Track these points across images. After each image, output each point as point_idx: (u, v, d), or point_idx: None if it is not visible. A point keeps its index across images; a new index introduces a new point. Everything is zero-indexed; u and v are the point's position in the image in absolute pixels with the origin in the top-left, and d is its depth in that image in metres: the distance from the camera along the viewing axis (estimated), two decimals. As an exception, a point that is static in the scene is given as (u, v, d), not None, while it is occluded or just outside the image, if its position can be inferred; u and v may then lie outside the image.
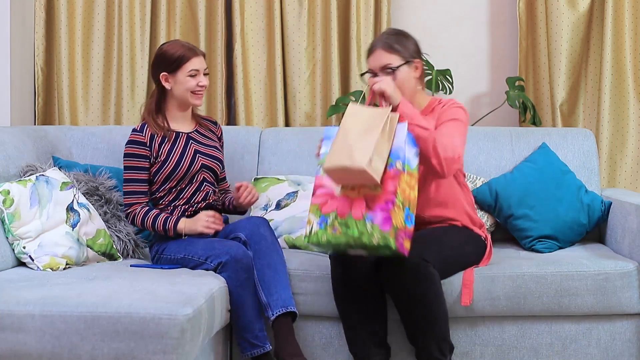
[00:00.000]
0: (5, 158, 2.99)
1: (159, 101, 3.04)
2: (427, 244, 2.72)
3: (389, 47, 2.85)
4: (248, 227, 2.90)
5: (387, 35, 2.90)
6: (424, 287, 2.66)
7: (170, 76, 2.99)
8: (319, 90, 4.01)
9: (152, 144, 2.99)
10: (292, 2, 3.99)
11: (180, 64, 2.97)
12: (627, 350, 2.93)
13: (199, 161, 3.03)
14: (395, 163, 2.57)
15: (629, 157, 3.84)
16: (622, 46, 3.81)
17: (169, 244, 2.96)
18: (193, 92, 3.00)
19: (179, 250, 2.90)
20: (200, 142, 3.08)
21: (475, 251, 2.90)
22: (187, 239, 2.94)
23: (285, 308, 2.76)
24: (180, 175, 3.00)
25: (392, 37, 2.88)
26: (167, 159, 2.99)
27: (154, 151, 2.99)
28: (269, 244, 2.85)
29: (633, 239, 3.01)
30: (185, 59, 2.97)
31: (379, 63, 2.85)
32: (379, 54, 2.86)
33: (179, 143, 3.03)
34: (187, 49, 2.99)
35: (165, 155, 2.99)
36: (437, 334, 2.71)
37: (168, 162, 3.00)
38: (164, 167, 3.00)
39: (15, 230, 2.80)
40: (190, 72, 2.97)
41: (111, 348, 2.28)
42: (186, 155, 3.01)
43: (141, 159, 2.99)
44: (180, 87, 2.99)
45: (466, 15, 4.07)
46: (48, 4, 4.03)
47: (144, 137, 2.99)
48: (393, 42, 2.85)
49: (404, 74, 2.85)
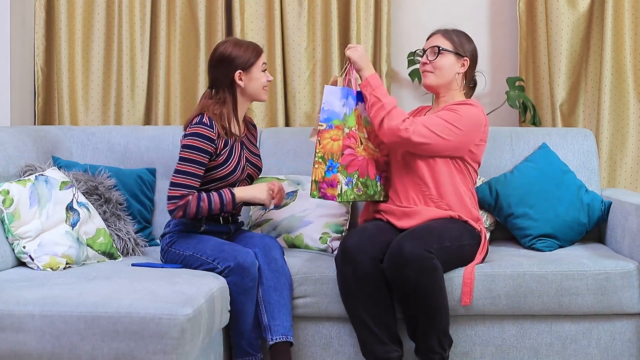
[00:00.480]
0: (5, 158, 2.99)
1: (230, 102, 2.98)
2: (428, 237, 2.75)
3: (446, 33, 3.06)
4: (260, 245, 2.91)
5: (452, 29, 3.08)
6: (427, 280, 2.68)
7: (245, 73, 2.97)
8: (319, 90, 4.01)
9: (218, 141, 2.93)
10: (292, 2, 3.99)
11: (255, 60, 2.97)
12: (627, 350, 2.93)
13: (247, 170, 3.02)
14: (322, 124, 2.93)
15: (629, 157, 3.84)
16: (622, 46, 3.81)
17: (181, 238, 2.94)
18: (264, 87, 3.01)
19: (189, 247, 2.90)
20: (249, 149, 3.07)
21: (471, 244, 2.92)
22: (198, 237, 2.92)
23: (285, 337, 2.80)
24: (231, 182, 2.97)
25: (456, 31, 3.08)
26: (226, 162, 2.94)
27: (218, 149, 2.93)
28: (279, 267, 2.87)
29: (633, 239, 3.01)
30: (257, 55, 2.98)
31: (432, 43, 3.05)
32: (435, 37, 3.08)
33: (236, 148, 2.99)
34: (254, 45, 3.01)
35: (224, 158, 2.94)
36: (438, 327, 2.73)
37: (226, 165, 2.94)
38: (220, 169, 2.94)
39: (15, 230, 2.80)
40: (263, 66, 3.00)
41: (111, 348, 2.28)
42: (240, 164, 2.98)
43: (205, 154, 2.88)
44: (254, 83, 2.98)
45: (466, 15, 4.07)
46: (48, 4, 4.03)
47: (214, 133, 2.90)
48: (453, 33, 3.06)
49: (448, 60, 3.02)
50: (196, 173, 2.86)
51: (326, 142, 2.92)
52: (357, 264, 2.76)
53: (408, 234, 2.78)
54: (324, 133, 2.92)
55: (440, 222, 2.90)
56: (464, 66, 3.04)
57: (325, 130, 2.92)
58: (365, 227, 2.92)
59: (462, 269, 2.87)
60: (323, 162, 2.91)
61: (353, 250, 2.77)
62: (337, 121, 2.92)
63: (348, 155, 2.93)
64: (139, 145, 3.51)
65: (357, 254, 2.76)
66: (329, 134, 2.92)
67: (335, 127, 2.92)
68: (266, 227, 3.32)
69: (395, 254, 2.70)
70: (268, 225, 3.32)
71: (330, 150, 2.91)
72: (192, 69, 4.03)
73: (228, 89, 2.98)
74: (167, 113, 4.03)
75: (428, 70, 3.04)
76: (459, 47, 3.03)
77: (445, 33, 3.06)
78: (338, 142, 2.91)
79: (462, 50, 3.03)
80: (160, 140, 3.53)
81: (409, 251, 2.67)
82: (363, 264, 2.75)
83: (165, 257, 2.98)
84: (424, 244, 2.70)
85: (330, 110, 2.92)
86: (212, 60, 3.00)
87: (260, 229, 3.33)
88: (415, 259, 2.67)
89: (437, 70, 3.02)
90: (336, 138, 2.91)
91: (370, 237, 2.82)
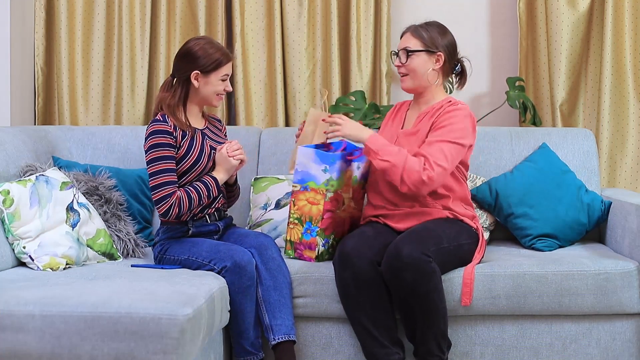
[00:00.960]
0: (5, 158, 2.99)
1: (181, 96, 2.99)
2: (426, 239, 2.74)
3: (415, 31, 2.99)
4: (256, 245, 2.90)
5: (423, 24, 3.02)
6: (425, 283, 2.67)
7: (202, 76, 2.95)
8: (319, 90, 4.01)
9: (175, 133, 2.93)
10: (292, 2, 3.99)
11: (217, 67, 2.95)
12: (627, 350, 2.93)
13: (214, 157, 3.01)
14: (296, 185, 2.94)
15: (629, 157, 3.84)
16: (622, 46, 3.81)
17: (173, 244, 2.94)
18: (218, 94, 2.99)
19: (183, 251, 2.89)
20: (212, 139, 3.06)
21: (469, 242, 2.91)
22: (191, 240, 2.93)
23: (288, 336, 2.80)
24: (199, 172, 2.96)
25: (425, 26, 3.00)
26: (188, 153, 2.94)
27: (177, 141, 2.93)
28: (277, 266, 2.86)
29: (633, 239, 3.01)
30: (222, 63, 2.95)
31: (402, 44, 2.99)
32: (405, 37, 3.01)
33: (197, 139, 2.98)
34: (223, 53, 2.97)
35: (185, 149, 2.94)
36: (437, 330, 2.73)
37: (188, 156, 2.94)
38: (184, 161, 2.94)
39: (15, 230, 2.80)
40: (223, 76, 2.97)
41: (111, 348, 2.28)
42: (204, 152, 2.98)
43: (169, 147, 2.89)
44: (209, 88, 2.96)
45: (466, 15, 4.07)
46: (48, 4, 4.03)
47: (169, 126, 2.91)
48: (423, 29, 2.98)
49: (420, 60, 2.95)
50: (170, 168, 2.88)
51: (302, 204, 2.93)
52: (356, 268, 2.75)
53: (405, 236, 2.77)
54: (299, 194, 2.94)
55: (437, 222, 2.89)
56: (439, 61, 2.97)
57: (299, 192, 2.93)
58: (363, 231, 2.91)
59: (462, 270, 2.87)
60: (300, 223, 2.94)
61: (351, 254, 2.76)
62: (313, 184, 2.91)
63: (327, 219, 2.94)
64: (139, 145, 3.51)
65: (356, 258, 2.75)
66: (304, 196, 2.93)
67: (312, 189, 2.91)
68: (266, 227, 3.32)
69: (392, 258, 2.69)
70: (268, 225, 3.33)
71: (309, 213, 2.92)
72: (192, 69, 4.02)
73: (183, 83, 2.98)
74: (167, 113, 4.03)
75: (403, 73, 2.99)
76: (430, 43, 2.95)
77: (414, 31, 2.98)
78: (317, 207, 2.91)
79: (434, 45, 2.95)
80: (160, 140, 3.52)
81: (406, 254, 2.66)
82: (362, 268, 2.75)
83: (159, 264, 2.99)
84: (421, 246, 2.69)
85: (305, 172, 2.93)
86: (179, 51, 3.01)
87: (260, 229, 3.33)
88: (413, 263, 2.66)
89: (411, 72, 2.96)
90: (314, 202, 2.91)
91: (368, 241, 2.81)
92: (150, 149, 2.88)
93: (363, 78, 3.99)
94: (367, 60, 3.98)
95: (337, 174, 2.92)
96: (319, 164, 2.90)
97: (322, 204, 2.91)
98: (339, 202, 2.98)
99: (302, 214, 2.94)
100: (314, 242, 2.94)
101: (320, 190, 2.91)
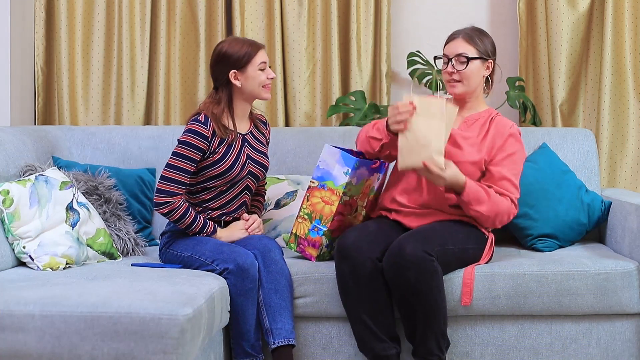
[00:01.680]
0: (5, 158, 2.99)
1: (226, 101, 2.98)
2: (430, 239, 2.74)
3: (469, 37, 2.97)
4: (259, 247, 2.90)
5: (471, 29, 3.01)
6: (427, 282, 2.67)
7: (240, 73, 2.95)
8: (319, 90, 4.01)
9: (212, 140, 2.93)
10: (292, 2, 3.99)
11: (249, 59, 2.94)
12: (627, 350, 2.93)
13: (248, 167, 3.00)
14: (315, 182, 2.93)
15: (629, 157, 3.84)
16: (622, 46, 3.81)
17: (178, 239, 2.95)
18: (264, 85, 2.98)
19: (187, 248, 2.90)
20: (252, 147, 3.04)
21: (475, 248, 2.91)
22: (196, 238, 2.93)
23: (287, 340, 2.79)
24: (227, 180, 2.97)
25: (475, 31, 2.99)
26: (222, 159, 2.94)
27: (212, 147, 2.93)
28: (279, 269, 2.86)
29: (633, 239, 3.01)
30: (253, 53, 2.94)
31: (456, 50, 2.95)
32: (458, 42, 2.97)
33: (235, 146, 2.97)
34: (251, 44, 2.97)
35: (220, 155, 2.93)
36: (437, 329, 2.73)
37: (222, 163, 2.94)
38: (216, 166, 2.94)
39: (15, 230, 2.80)
40: (260, 65, 2.95)
41: (111, 348, 2.28)
42: (239, 161, 2.97)
43: (197, 151, 2.89)
44: (250, 82, 2.95)
45: (466, 15, 4.07)
46: (48, 4, 4.03)
47: (208, 131, 2.91)
48: (475, 35, 2.97)
49: (476, 67, 2.95)
50: (186, 169, 2.88)
51: (316, 202, 2.93)
52: (354, 263, 2.75)
53: (410, 234, 2.77)
54: (314, 191, 2.93)
55: (447, 224, 2.88)
56: (489, 69, 3.00)
57: (316, 189, 2.93)
58: (365, 225, 2.91)
59: (462, 270, 2.87)
60: (309, 219, 2.94)
61: (350, 248, 2.76)
62: (332, 184, 2.91)
63: (337, 222, 2.94)
64: (139, 145, 3.51)
65: (355, 252, 2.75)
66: (320, 194, 2.92)
67: (329, 189, 2.90)
68: (266, 227, 3.32)
69: (395, 255, 2.70)
70: (268, 225, 3.33)
71: (320, 211, 2.92)
72: (192, 69, 4.03)
73: (225, 88, 2.98)
74: (167, 113, 4.03)
75: (456, 80, 2.96)
76: (483, 50, 2.96)
77: (468, 38, 2.96)
78: (330, 207, 2.91)
79: (487, 53, 2.97)
80: (160, 140, 3.53)
81: (409, 252, 2.66)
82: (360, 262, 2.75)
83: (163, 257, 2.99)
84: (425, 245, 2.69)
85: (326, 171, 2.92)
86: (211, 60, 3.00)
87: (260, 229, 3.33)
88: (415, 261, 2.66)
89: (465, 79, 2.95)
90: (329, 202, 2.91)
91: (368, 236, 2.81)
92: (180, 143, 2.90)
93: (363, 78, 3.98)
94: (367, 60, 3.98)
95: (358, 180, 2.92)
96: (342, 165, 2.89)
97: (335, 206, 2.90)
98: (352, 207, 2.98)
99: (314, 210, 2.93)
100: (318, 241, 2.94)
101: (337, 191, 2.90)
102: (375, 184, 3.03)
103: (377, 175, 3.01)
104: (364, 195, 2.99)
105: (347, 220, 2.99)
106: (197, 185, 2.98)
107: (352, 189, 2.92)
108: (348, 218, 2.99)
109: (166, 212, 2.88)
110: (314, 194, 2.93)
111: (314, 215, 2.93)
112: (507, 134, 2.95)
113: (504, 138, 2.95)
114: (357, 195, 2.96)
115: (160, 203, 2.87)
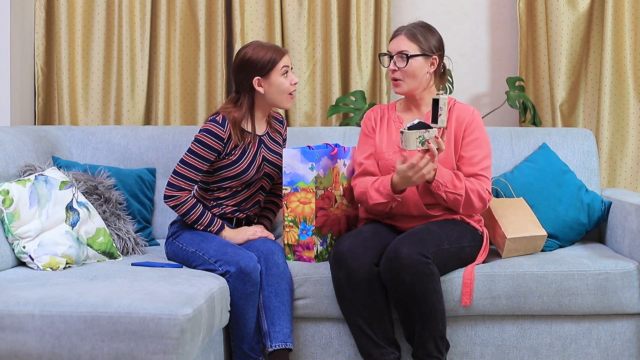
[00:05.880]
0: (5, 158, 2.99)
1: (248, 107, 2.98)
2: (426, 240, 2.73)
3: (411, 35, 2.95)
4: (263, 250, 2.90)
5: (414, 25, 2.98)
6: (423, 284, 2.66)
7: (263, 80, 2.94)
8: (319, 90, 4.01)
9: (228, 142, 2.94)
10: (292, 2, 3.99)
11: (273, 65, 2.93)
12: (627, 350, 2.93)
13: (263, 169, 3.02)
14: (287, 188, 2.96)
15: (629, 157, 3.84)
16: (622, 46, 3.81)
17: (186, 232, 2.97)
18: (289, 93, 2.97)
19: (193, 243, 2.92)
20: (268, 148, 3.05)
21: (471, 245, 2.91)
22: (204, 234, 2.95)
23: (285, 344, 2.80)
24: (243, 181, 2.99)
25: (418, 27, 2.97)
26: (238, 161, 2.96)
27: (229, 148, 2.94)
28: (280, 272, 2.86)
29: (633, 239, 3.01)
30: (277, 60, 2.93)
31: (398, 47, 2.95)
32: (400, 39, 2.96)
33: (251, 148, 2.99)
34: (275, 50, 2.96)
35: (236, 156, 2.95)
36: (435, 331, 2.72)
37: (238, 164, 2.96)
38: (232, 167, 2.96)
39: (15, 230, 2.80)
40: (283, 69, 2.94)
41: (111, 348, 2.28)
42: (255, 163, 2.99)
43: (211, 151, 2.92)
44: (274, 89, 2.95)
45: (466, 15, 4.07)
46: (48, 4, 4.03)
47: (224, 133, 2.92)
48: (417, 32, 2.95)
49: (418, 64, 2.93)
50: (199, 167, 2.92)
51: (295, 206, 2.96)
52: (350, 269, 2.75)
53: (404, 237, 2.76)
54: (290, 196, 2.96)
55: (441, 223, 2.88)
56: (434, 64, 2.96)
57: (291, 194, 2.96)
58: (360, 231, 2.90)
59: (462, 270, 2.87)
60: (295, 225, 2.97)
61: (346, 254, 2.75)
62: (303, 184, 2.94)
63: (321, 217, 2.97)
64: (139, 145, 3.52)
65: (350, 259, 2.74)
66: (295, 197, 2.95)
67: (302, 189, 2.94)
68: (266, 227, 3.33)
69: (391, 258, 2.69)
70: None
71: (302, 213, 2.95)
72: (192, 69, 4.03)
73: (248, 94, 2.98)
74: (167, 113, 4.03)
75: (398, 78, 2.96)
76: (426, 47, 2.94)
77: (410, 34, 2.94)
78: (310, 205, 2.94)
79: (430, 49, 2.94)
80: (160, 140, 3.53)
81: (404, 255, 2.66)
82: (355, 269, 2.74)
83: (168, 247, 3.01)
84: (420, 247, 2.68)
85: (293, 174, 2.95)
86: (234, 65, 3.00)
87: (261, 229, 3.33)
88: (411, 264, 2.65)
89: (407, 77, 2.94)
90: (306, 201, 2.94)
91: (364, 241, 2.80)
92: (196, 141, 2.92)
93: (363, 78, 3.98)
94: (367, 60, 3.98)
95: (325, 171, 2.96)
96: (306, 162, 2.93)
97: (313, 202, 2.93)
98: (330, 199, 3.00)
99: (296, 215, 2.96)
100: (311, 242, 2.95)
101: (310, 189, 2.93)
102: (343, 169, 3.06)
103: (343, 160, 3.05)
104: (337, 184, 3.03)
105: (332, 214, 3.01)
106: (213, 184, 3.01)
107: (322, 181, 2.96)
108: (331, 211, 3.01)
109: (173, 205, 2.93)
110: (290, 199, 2.97)
111: (298, 220, 2.96)
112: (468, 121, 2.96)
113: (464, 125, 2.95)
114: (330, 185, 3.00)
115: (168, 196, 2.93)
